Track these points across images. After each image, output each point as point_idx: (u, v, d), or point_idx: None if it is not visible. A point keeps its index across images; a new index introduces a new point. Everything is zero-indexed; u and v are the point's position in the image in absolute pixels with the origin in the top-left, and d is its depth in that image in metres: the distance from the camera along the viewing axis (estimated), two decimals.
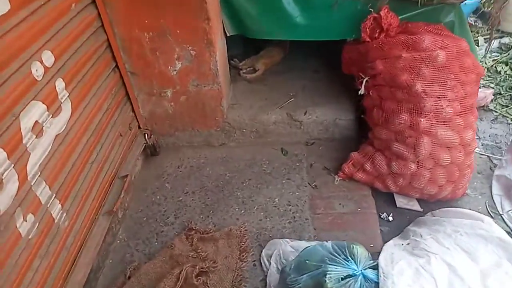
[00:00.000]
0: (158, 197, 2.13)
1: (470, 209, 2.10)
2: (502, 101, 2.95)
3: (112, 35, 1.88)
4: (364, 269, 1.44)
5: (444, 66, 1.79)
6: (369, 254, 1.52)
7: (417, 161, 1.87)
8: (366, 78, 1.99)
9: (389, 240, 1.78)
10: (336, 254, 1.49)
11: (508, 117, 2.84)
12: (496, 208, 2.12)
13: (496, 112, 2.84)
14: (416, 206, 2.06)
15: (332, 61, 2.65)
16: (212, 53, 2.00)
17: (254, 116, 2.31)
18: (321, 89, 2.42)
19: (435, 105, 1.79)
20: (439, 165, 1.86)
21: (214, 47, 1.98)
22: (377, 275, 1.43)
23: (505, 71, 3.20)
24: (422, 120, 1.80)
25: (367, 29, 1.91)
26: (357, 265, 1.45)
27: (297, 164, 2.25)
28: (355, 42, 2.14)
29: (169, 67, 2.07)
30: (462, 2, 1.97)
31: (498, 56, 3.29)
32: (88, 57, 1.70)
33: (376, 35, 1.93)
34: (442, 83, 1.80)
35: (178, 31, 1.93)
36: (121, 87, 2.04)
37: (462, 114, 1.84)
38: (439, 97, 1.79)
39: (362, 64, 2.04)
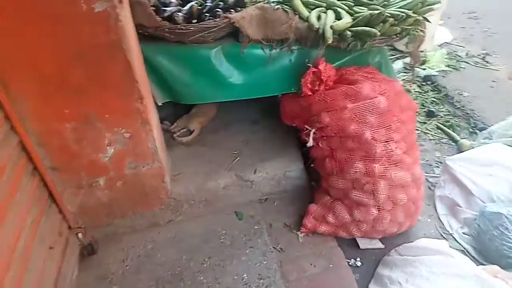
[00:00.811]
0: None
1: (424, 234, 2.20)
2: (419, 119, 3.20)
3: (24, 134, 1.58)
4: None
5: (386, 111, 1.84)
6: None
7: (377, 206, 1.88)
8: (313, 130, 1.97)
9: None
10: None
11: (428, 133, 3.08)
12: (445, 228, 2.24)
13: (417, 130, 3.06)
14: (379, 244, 2.09)
15: (269, 109, 2.62)
16: (148, 131, 1.80)
17: (202, 185, 2.14)
18: (265, 141, 2.35)
19: (385, 150, 1.83)
20: (397, 205, 1.90)
21: (150, 125, 1.79)
22: None
23: (414, 89, 3.49)
24: (376, 166, 1.82)
25: (308, 84, 1.89)
26: None
27: (256, 227, 2.12)
28: (293, 95, 2.12)
29: (100, 154, 1.81)
30: (386, 45, 2.08)
31: (405, 75, 3.59)
32: (1, 169, 1.39)
33: (316, 87, 1.93)
34: (387, 127, 1.85)
35: (107, 115, 1.70)
36: (43, 189, 1.72)
37: (409, 152, 1.90)
38: (387, 141, 1.84)
39: (305, 116, 2.01)
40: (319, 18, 1.92)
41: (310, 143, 1.99)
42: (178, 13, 1.91)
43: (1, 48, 1.41)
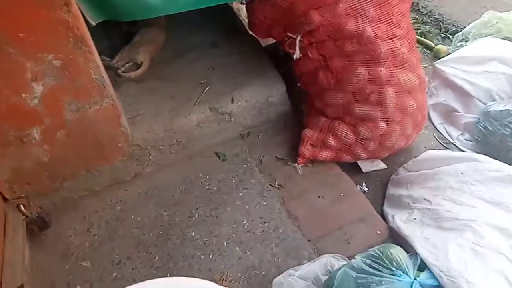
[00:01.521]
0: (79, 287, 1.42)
1: (425, 148, 1.99)
2: None
3: None
4: (418, 276, 1.13)
5: (386, 1, 1.50)
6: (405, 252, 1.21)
7: (386, 118, 1.60)
8: (299, 37, 1.59)
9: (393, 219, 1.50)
10: (376, 271, 1.13)
11: None
12: (445, 137, 2.05)
13: None
14: (381, 165, 1.85)
15: (227, 30, 2.16)
16: (87, 55, 1.31)
17: (169, 125, 1.71)
18: (234, 66, 1.92)
19: (390, 48, 1.51)
20: (406, 114, 1.63)
21: (88, 46, 1.29)
22: (434, 277, 1.13)
23: None
24: (382, 69, 1.51)
25: None
26: (407, 274, 1.12)
27: (244, 165, 1.77)
28: None
29: (23, 95, 1.30)
30: None
31: None
32: None
33: None
34: (388, 21, 1.52)
35: (21, 34, 1.18)
36: None
37: (411, 51, 1.61)
38: (391, 38, 1.52)
39: (286, 21, 1.61)
40: None
41: (297, 54, 1.61)
42: None
43: None
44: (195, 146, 1.81)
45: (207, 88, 1.82)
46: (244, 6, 2.13)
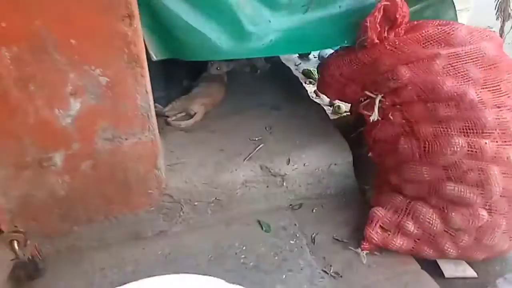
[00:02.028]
0: None
1: None
2: None
3: None
4: None
5: (493, 64, 1.25)
6: None
7: (488, 205, 1.22)
8: (380, 97, 1.35)
9: None
10: None
11: None
12: None
13: None
14: (470, 271, 1.41)
15: (290, 93, 2.00)
16: (139, 77, 1.14)
17: (212, 178, 1.45)
18: (295, 128, 1.70)
19: (498, 118, 1.21)
20: None
21: (142, 67, 1.14)
22: None
23: None
24: (486, 142, 1.19)
25: (376, 25, 1.29)
26: None
27: (292, 242, 1.42)
28: (343, 52, 1.51)
29: (57, 110, 1.13)
30: None
31: None
32: None
33: (385, 33, 1.33)
34: (495, 88, 1.24)
35: (72, 41, 1.04)
36: None
37: None
38: (499, 107, 1.22)
39: (368, 78, 1.40)
40: None
41: (375, 116, 1.36)
42: None
43: None
44: (236, 209, 1.51)
45: (261, 145, 1.58)
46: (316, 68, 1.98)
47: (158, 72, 1.88)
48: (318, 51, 2.85)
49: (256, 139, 1.62)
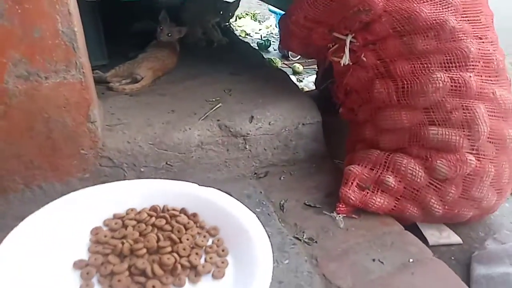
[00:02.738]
0: None
1: None
2: None
3: None
4: None
5: None
6: None
7: (475, 149, 1.08)
8: (350, 37, 1.19)
9: None
10: None
11: None
12: None
13: None
14: (454, 237, 1.29)
15: (251, 61, 1.83)
16: None
17: (160, 138, 1.22)
18: (258, 89, 1.51)
19: (481, 50, 1.08)
20: (503, 151, 1.12)
21: None
22: None
23: None
24: (471, 75, 1.06)
25: None
26: None
27: (257, 210, 1.20)
28: None
29: None
30: None
31: None
32: None
33: None
34: (475, 19, 1.13)
35: None
36: None
37: (504, 69, 1.17)
38: (481, 38, 1.10)
39: (336, 17, 1.24)
40: None
41: (345, 59, 1.20)
42: None
43: None
44: (191, 176, 1.28)
45: (219, 105, 1.37)
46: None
47: (98, 40, 1.65)
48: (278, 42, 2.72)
49: (214, 99, 1.42)
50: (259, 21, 4.97)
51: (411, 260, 1.01)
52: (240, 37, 2.25)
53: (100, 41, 1.67)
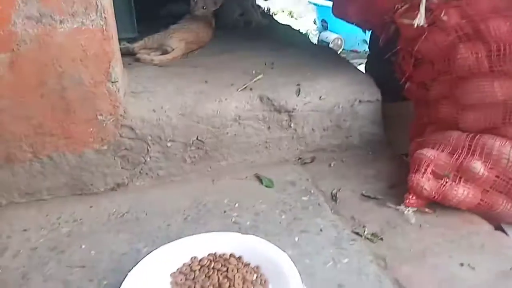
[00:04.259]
0: None
1: None
2: None
3: None
4: None
5: None
6: None
7: None
8: None
9: None
10: None
11: None
12: None
13: None
14: None
15: (294, 38, 1.63)
16: None
17: (191, 108, 1.03)
18: (304, 62, 1.30)
19: None
20: None
21: None
22: None
23: None
24: None
25: None
26: None
27: (304, 198, 0.99)
28: None
29: None
30: None
31: None
32: None
33: None
34: None
35: None
36: None
37: None
38: None
39: None
40: None
41: (421, 18, 0.97)
42: None
43: None
44: (225, 156, 1.09)
45: (260, 75, 1.17)
46: None
47: (129, 12, 1.51)
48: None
49: (254, 72, 1.22)
50: (296, 18, 4.80)
51: (511, 268, 0.77)
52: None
53: (130, 12, 1.52)
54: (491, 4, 0.90)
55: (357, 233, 0.87)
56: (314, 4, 3.27)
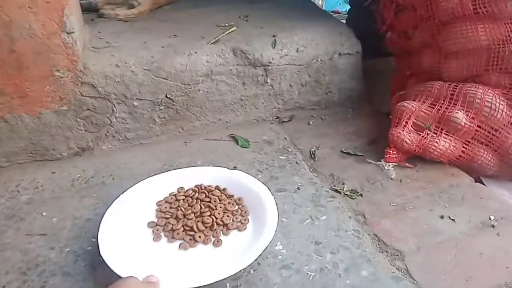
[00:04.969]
0: None
1: None
2: None
3: None
4: None
5: None
6: None
7: None
8: None
9: None
10: None
11: None
12: None
13: None
14: None
15: None
16: None
17: (159, 63, 0.95)
18: (281, 15, 1.22)
19: None
20: None
21: None
22: None
23: None
24: None
25: None
26: None
27: (281, 157, 0.95)
28: None
29: None
30: None
31: None
32: None
33: None
34: None
35: None
36: None
37: None
38: None
39: None
40: None
41: None
42: None
43: None
44: (198, 116, 1.02)
45: (233, 28, 1.09)
46: None
47: None
48: None
49: (227, 25, 1.14)
50: None
51: (492, 217, 0.75)
52: None
53: None
54: None
55: (336, 190, 0.83)
56: None
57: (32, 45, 0.80)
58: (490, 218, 0.75)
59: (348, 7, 1.66)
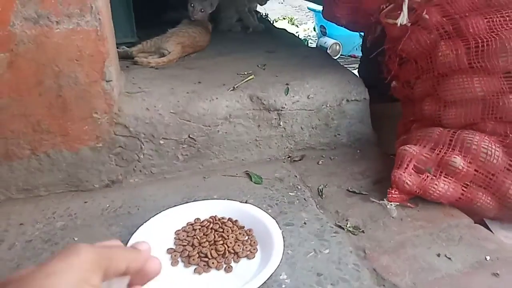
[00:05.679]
0: None
1: None
2: None
3: None
4: None
5: None
6: None
7: None
8: None
9: None
10: None
11: None
12: None
13: None
14: None
15: (288, 41, 1.67)
16: None
17: (184, 107, 1.07)
18: (295, 64, 1.34)
19: None
20: None
21: None
22: None
23: None
24: None
25: None
26: None
27: (291, 193, 1.03)
28: None
29: None
30: None
31: None
32: None
33: None
34: None
35: None
36: None
37: None
38: None
39: None
40: None
41: (404, 17, 1.01)
42: None
43: None
44: (216, 154, 1.12)
45: (251, 76, 1.21)
46: None
47: (128, 17, 1.56)
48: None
49: (246, 73, 1.26)
50: (297, 25, 4.86)
51: (487, 257, 0.79)
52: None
53: (129, 17, 1.57)
54: (470, 1, 0.93)
55: (339, 226, 0.90)
56: (313, 10, 3.32)
57: (76, 91, 0.94)
58: (486, 258, 0.79)
59: None
